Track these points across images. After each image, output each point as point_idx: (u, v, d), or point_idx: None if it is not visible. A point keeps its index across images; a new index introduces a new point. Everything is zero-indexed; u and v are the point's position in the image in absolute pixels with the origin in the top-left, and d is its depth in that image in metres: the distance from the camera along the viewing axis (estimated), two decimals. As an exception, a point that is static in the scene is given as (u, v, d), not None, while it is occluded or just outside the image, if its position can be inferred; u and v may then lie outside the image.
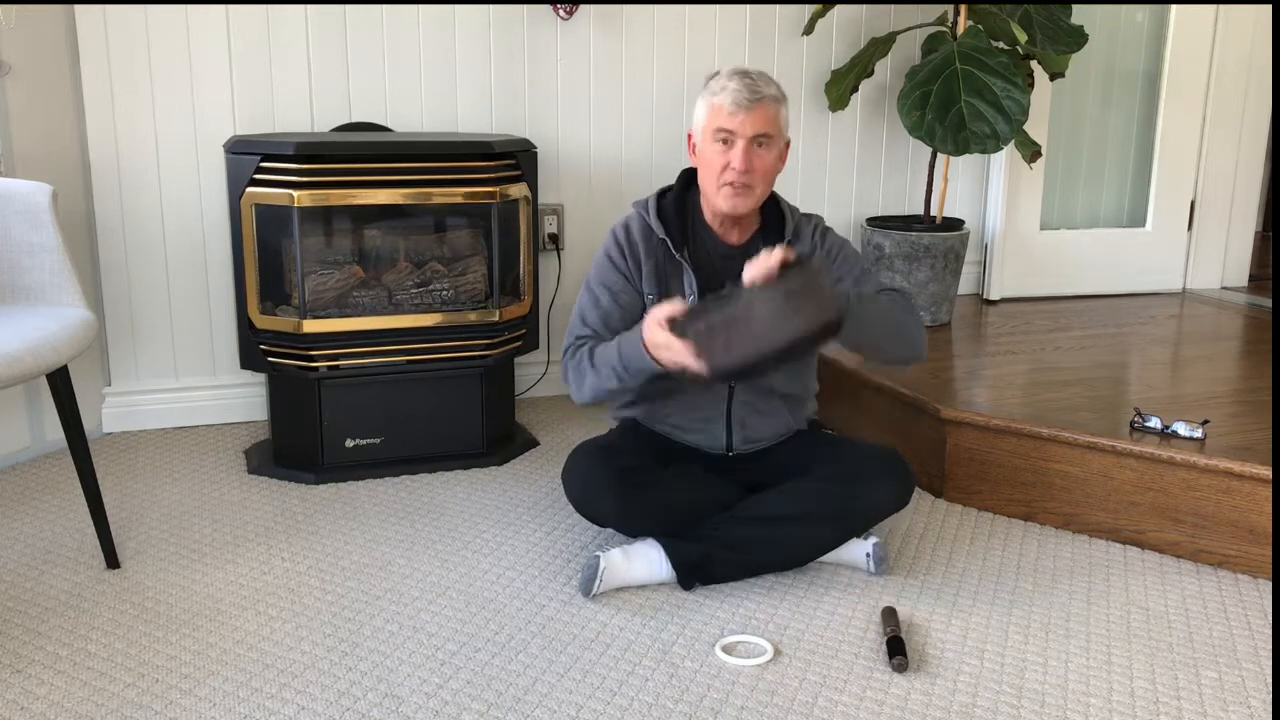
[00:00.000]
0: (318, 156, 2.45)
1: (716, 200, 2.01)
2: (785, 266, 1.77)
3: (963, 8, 3.10)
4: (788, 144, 2.04)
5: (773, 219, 2.11)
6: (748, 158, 1.95)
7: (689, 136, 2.06)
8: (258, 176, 2.46)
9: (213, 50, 2.76)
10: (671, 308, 1.83)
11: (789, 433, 2.18)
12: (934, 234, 3.20)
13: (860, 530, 2.08)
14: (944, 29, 3.25)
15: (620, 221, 2.13)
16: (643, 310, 2.06)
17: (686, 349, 1.78)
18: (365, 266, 2.67)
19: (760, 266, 1.78)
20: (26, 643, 1.82)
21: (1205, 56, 3.72)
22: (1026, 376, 2.73)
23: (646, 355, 1.87)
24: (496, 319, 2.65)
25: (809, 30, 3.24)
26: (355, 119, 2.91)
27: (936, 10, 3.34)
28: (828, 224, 2.19)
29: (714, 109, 1.97)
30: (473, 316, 2.63)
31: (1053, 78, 3.40)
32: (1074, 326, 3.32)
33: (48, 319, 1.99)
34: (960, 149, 2.94)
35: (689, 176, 2.13)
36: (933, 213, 3.37)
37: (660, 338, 1.81)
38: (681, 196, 2.12)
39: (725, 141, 1.97)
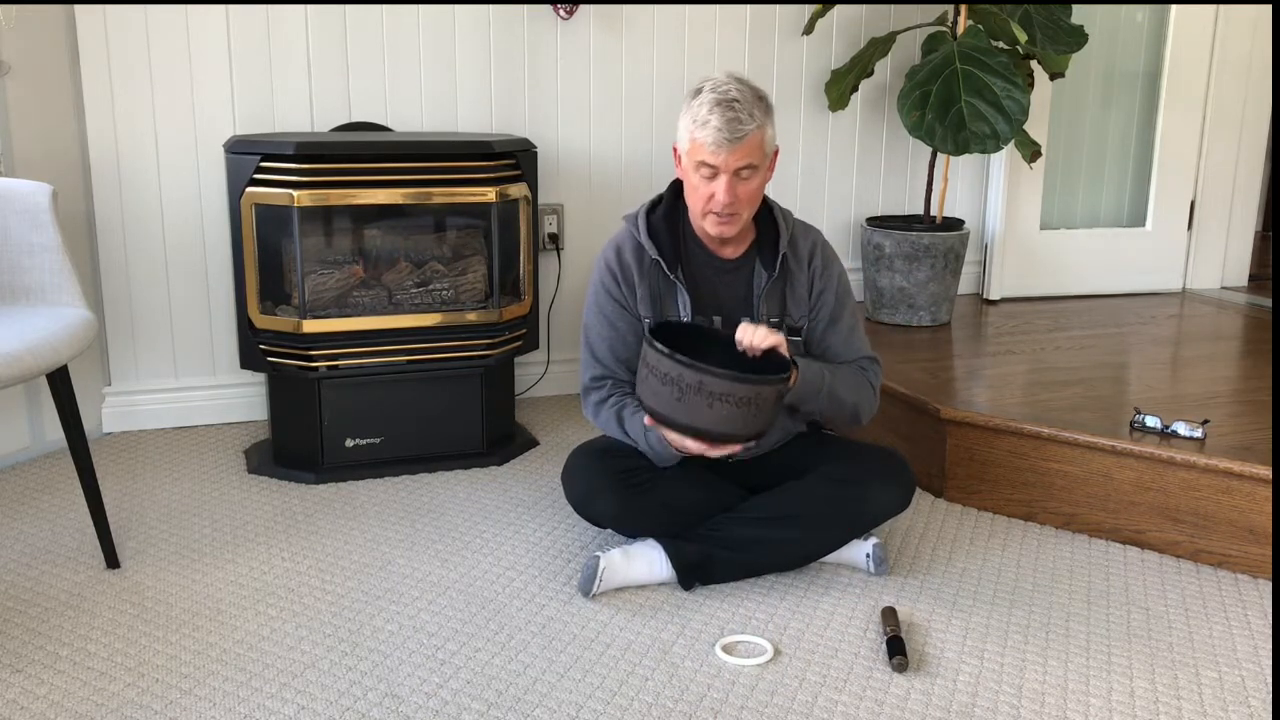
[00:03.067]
0: (318, 156, 2.45)
1: (703, 224, 1.99)
2: (768, 353, 1.91)
3: (963, 8, 3.10)
4: (776, 153, 2.01)
5: (766, 229, 2.08)
6: (731, 190, 1.91)
7: (674, 149, 2.02)
8: (258, 176, 2.46)
9: (213, 50, 2.76)
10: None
11: (789, 436, 2.18)
12: (934, 234, 3.20)
13: (860, 532, 2.08)
14: (944, 29, 3.25)
15: (610, 244, 2.10)
16: (641, 334, 2.06)
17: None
18: (365, 266, 2.67)
19: (750, 338, 1.89)
20: (26, 643, 1.82)
21: (1205, 56, 3.72)
22: (1026, 376, 2.73)
23: (672, 449, 1.95)
24: (496, 319, 2.65)
25: (809, 30, 3.24)
26: (355, 119, 2.91)
27: (936, 10, 3.34)
28: (828, 241, 2.14)
29: (695, 143, 1.91)
30: (473, 316, 2.63)
31: (1053, 78, 3.40)
32: (1074, 326, 3.32)
33: (48, 319, 1.99)
34: (960, 149, 2.94)
35: (680, 186, 2.09)
36: (933, 213, 3.37)
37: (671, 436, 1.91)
38: (672, 209, 2.09)
39: (708, 175, 1.93)
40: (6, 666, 1.74)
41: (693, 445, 1.88)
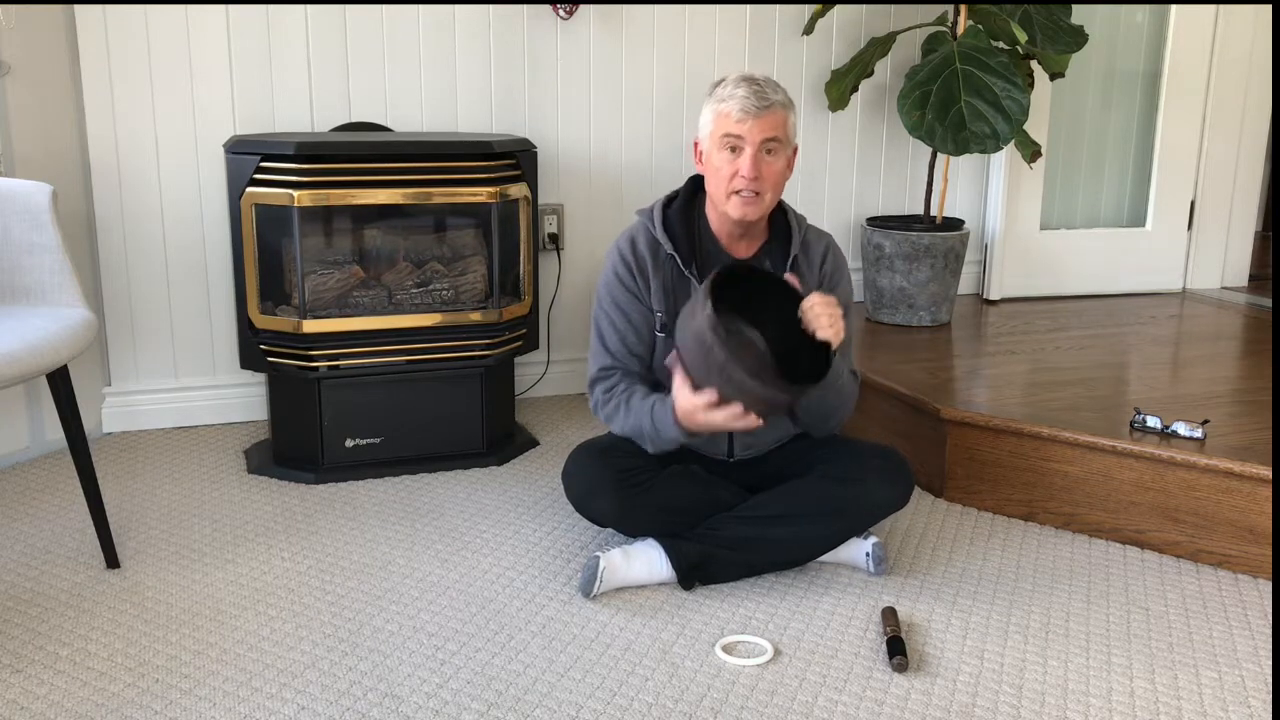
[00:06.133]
0: (318, 156, 2.45)
1: (726, 208, 1.98)
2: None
3: (963, 8, 3.10)
4: (795, 150, 2.02)
5: (780, 230, 2.08)
6: (756, 164, 1.93)
7: (695, 145, 2.04)
8: (258, 176, 2.46)
9: (213, 50, 2.76)
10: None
11: (789, 436, 2.18)
12: (934, 234, 3.20)
13: (860, 530, 2.08)
14: (944, 29, 3.25)
15: (625, 235, 2.10)
16: (653, 327, 2.06)
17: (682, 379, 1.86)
18: (365, 266, 2.67)
19: (815, 319, 1.86)
20: (26, 643, 1.82)
21: (1205, 56, 3.72)
22: (1026, 376, 2.73)
23: (676, 426, 1.91)
24: (497, 319, 2.65)
25: (809, 30, 3.24)
26: (355, 119, 2.91)
27: (936, 10, 3.34)
28: (840, 249, 2.15)
29: (721, 116, 1.94)
30: (473, 316, 2.63)
31: (1053, 78, 3.40)
32: (1074, 326, 3.32)
33: (48, 319, 1.99)
34: (960, 149, 2.94)
35: (696, 184, 2.09)
36: (933, 213, 3.37)
37: (684, 399, 1.86)
38: (688, 206, 2.09)
39: (733, 149, 1.94)
40: (6, 666, 1.74)
41: (700, 401, 1.83)
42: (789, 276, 1.95)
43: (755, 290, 1.95)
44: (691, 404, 1.85)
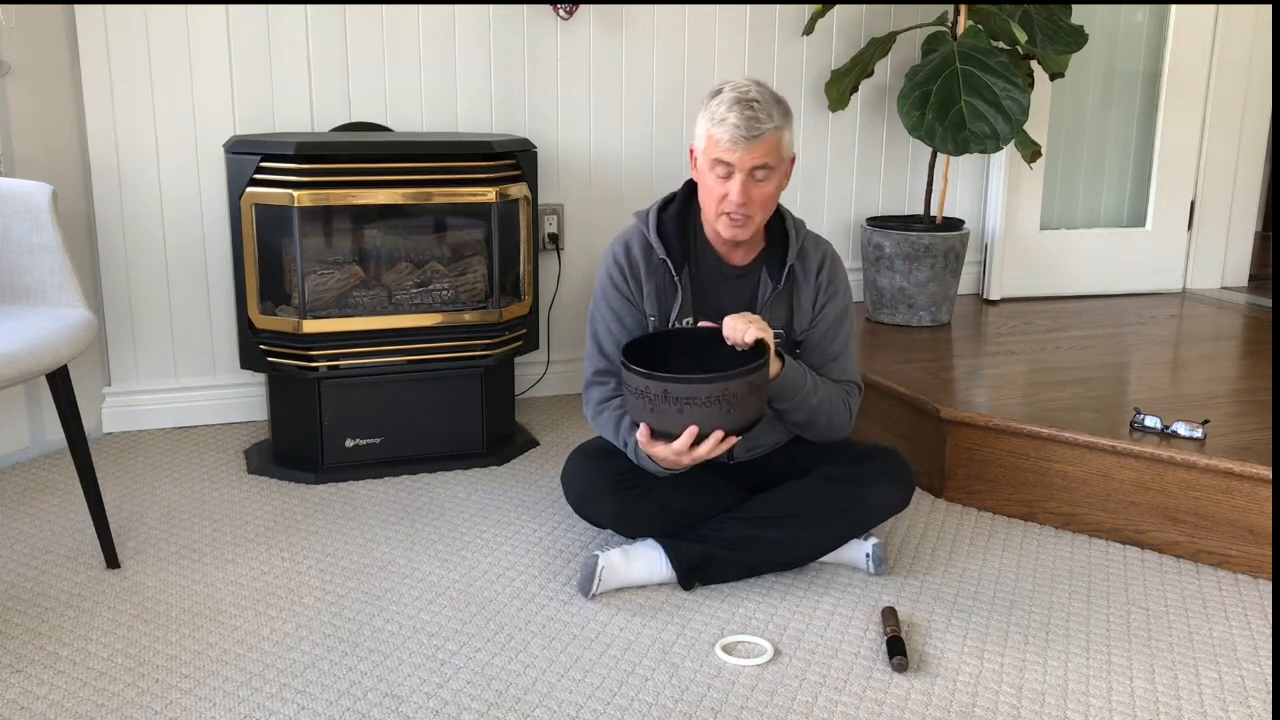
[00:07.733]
0: (318, 156, 2.45)
1: (716, 226, 1.98)
2: (755, 345, 1.86)
3: (963, 8, 3.10)
4: (794, 160, 2.00)
5: (777, 238, 2.06)
6: (745, 191, 1.90)
7: (690, 150, 2.02)
8: (258, 176, 2.46)
9: (213, 50, 2.76)
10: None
11: (790, 438, 2.17)
12: (934, 234, 3.20)
13: (861, 531, 2.08)
14: (944, 29, 3.25)
15: (619, 238, 2.09)
16: (647, 331, 2.05)
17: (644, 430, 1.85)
18: (365, 266, 2.67)
19: (736, 333, 1.86)
20: (26, 643, 1.82)
21: (1205, 56, 3.72)
22: (1026, 376, 2.73)
23: (652, 463, 1.94)
24: (496, 319, 2.65)
25: (809, 30, 3.24)
26: (355, 119, 2.91)
27: (936, 10, 3.34)
28: (839, 256, 2.13)
29: (711, 139, 1.90)
30: (473, 316, 2.63)
31: (1053, 78, 3.40)
32: (1074, 326, 3.32)
33: (48, 319, 1.99)
34: (960, 149, 2.94)
35: (691, 188, 2.08)
36: (933, 213, 3.37)
37: (662, 451, 1.85)
38: (684, 210, 2.07)
39: (723, 173, 1.91)
40: (6, 667, 1.74)
41: (679, 446, 1.82)
42: (704, 324, 1.96)
43: (682, 347, 1.95)
44: (669, 452, 1.83)
